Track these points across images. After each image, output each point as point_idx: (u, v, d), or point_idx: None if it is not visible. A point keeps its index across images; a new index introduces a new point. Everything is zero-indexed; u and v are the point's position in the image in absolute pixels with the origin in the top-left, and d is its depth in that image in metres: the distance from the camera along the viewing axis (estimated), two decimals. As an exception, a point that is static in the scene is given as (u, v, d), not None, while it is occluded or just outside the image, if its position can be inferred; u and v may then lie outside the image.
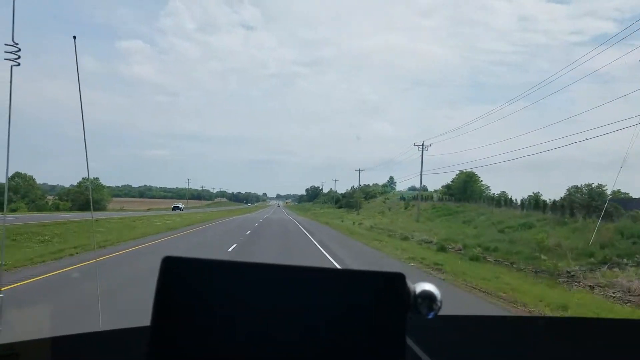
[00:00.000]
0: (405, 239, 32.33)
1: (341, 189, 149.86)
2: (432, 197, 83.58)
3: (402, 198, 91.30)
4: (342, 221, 66.06)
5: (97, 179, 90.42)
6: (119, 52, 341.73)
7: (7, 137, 2.09)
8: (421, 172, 59.98)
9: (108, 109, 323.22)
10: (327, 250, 22.45)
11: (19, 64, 2.27)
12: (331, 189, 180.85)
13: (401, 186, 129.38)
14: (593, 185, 47.43)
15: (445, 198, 76.87)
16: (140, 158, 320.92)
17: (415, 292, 0.83)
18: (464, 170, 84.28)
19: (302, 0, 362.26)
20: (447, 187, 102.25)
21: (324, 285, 0.82)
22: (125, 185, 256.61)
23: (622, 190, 41.07)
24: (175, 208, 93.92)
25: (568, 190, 45.40)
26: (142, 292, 9.76)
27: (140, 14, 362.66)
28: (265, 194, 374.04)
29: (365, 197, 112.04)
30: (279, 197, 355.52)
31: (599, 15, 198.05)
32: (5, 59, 2.24)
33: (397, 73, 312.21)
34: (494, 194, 76.81)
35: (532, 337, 1.58)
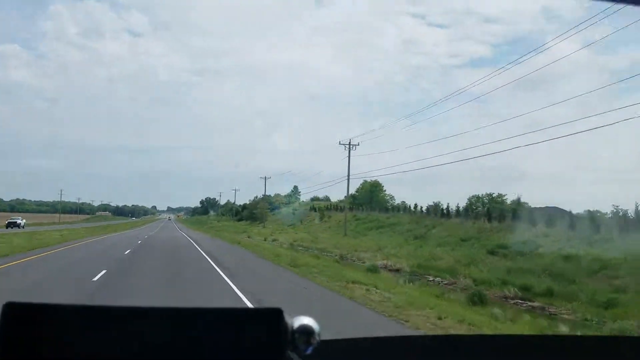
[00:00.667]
0: (374, 269, 21.82)
1: (240, 201, 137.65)
2: (341, 207, 77.05)
3: (314, 209, 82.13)
4: (249, 237, 55.00)
5: None
6: None
7: None
8: (348, 176, 51.10)
9: None
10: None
11: None
12: (228, 200, 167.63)
13: (303, 197, 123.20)
14: (494, 195, 51.47)
15: (353, 208, 72.00)
16: (13, 169, 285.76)
17: (293, 327, 0.80)
18: (368, 180, 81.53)
19: (193, 11, 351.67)
20: (352, 197, 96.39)
21: (196, 328, 0.75)
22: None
23: (522, 200, 42.31)
24: (11, 225, 64.30)
25: (469, 199, 48.71)
26: None
27: (16, 16, 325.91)
28: (154, 207, 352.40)
29: (269, 209, 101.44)
30: (170, 210, 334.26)
31: (475, 39, 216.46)
32: None
33: (293, 87, 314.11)
34: (398, 203, 74.98)
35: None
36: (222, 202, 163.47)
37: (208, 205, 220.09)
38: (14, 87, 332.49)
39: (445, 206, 39.62)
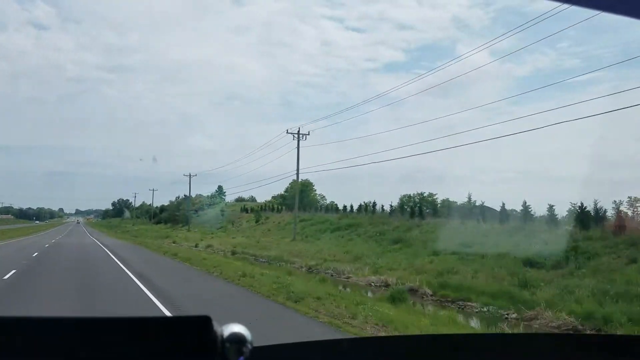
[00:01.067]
0: (399, 296, 14.98)
1: (156, 203, 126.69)
2: (275, 208, 71.80)
3: (245, 209, 75.14)
4: (175, 242, 47.22)
5: None
6: None
7: None
8: (298, 168, 45.31)
9: None
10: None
11: None
12: (144, 201, 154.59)
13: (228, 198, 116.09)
14: (425, 194, 53.88)
15: (283, 208, 67.52)
16: None
17: (222, 335, 0.75)
18: (295, 181, 78.32)
19: (105, 4, 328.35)
20: (282, 197, 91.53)
21: (121, 337, 0.71)
22: None
23: (451, 199, 44.13)
24: None
25: (400, 198, 50.42)
26: None
27: None
28: (62, 210, 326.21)
29: (193, 210, 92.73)
30: (78, 212, 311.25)
31: (389, 44, 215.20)
32: None
33: (211, 87, 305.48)
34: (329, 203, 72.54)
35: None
36: (137, 203, 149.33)
37: (121, 207, 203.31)
38: None
39: (378, 206, 37.72)
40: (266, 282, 15.55)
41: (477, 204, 32.23)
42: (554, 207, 24.75)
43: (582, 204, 21.86)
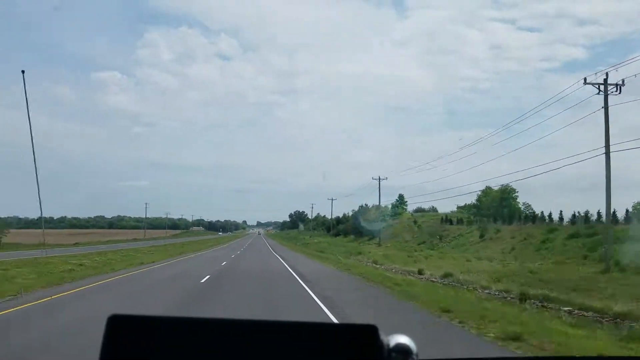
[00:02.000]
0: None
1: (328, 214, 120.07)
2: (460, 219, 57.85)
3: (448, 220, 60.52)
4: (376, 263, 34.87)
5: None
6: (95, 83, 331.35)
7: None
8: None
9: (83, 140, 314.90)
10: None
11: None
12: (319, 213, 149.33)
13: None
14: None
15: (476, 220, 56.05)
16: (115, 189, 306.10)
17: (389, 345, 0.79)
18: (490, 187, 65.66)
19: (278, 30, 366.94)
20: (475, 206, 74.53)
21: (290, 341, 0.76)
22: (97, 216, 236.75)
23: None
24: None
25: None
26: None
27: (116, 45, 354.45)
28: (245, 222, 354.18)
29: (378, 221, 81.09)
30: (259, 224, 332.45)
31: (568, 42, 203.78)
32: None
33: (373, 101, 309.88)
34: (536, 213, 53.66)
35: None
36: (313, 214, 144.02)
37: (297, 218, 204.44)
38: (114, 112, 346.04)
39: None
40: None
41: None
42: None
43: None
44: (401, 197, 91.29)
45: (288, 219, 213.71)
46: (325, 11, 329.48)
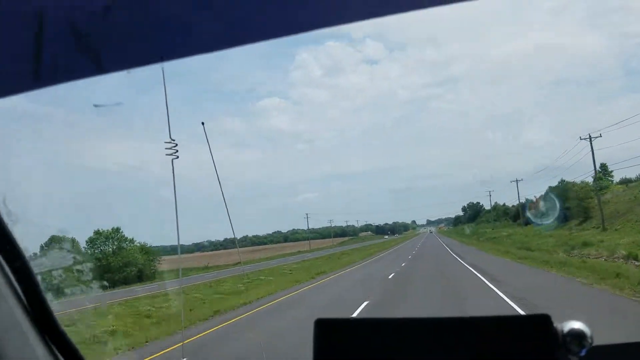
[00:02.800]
0: None
1: (506, 202, 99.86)
2: None
3: None
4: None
5: (117, 230, 54.32)
6: (259, 111, 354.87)
7: (174, 212, 3.00)
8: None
9: (257, 164, 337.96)
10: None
11: (177, 157, 2.75)
12: (496, 202, 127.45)
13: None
14: None
15: None
16: (287, 204, 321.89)
17: (563, 331, 0.85)
18: None
19: (421, 24, 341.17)
20: None
21: (475, 335, 0.84)
22: (275, 232, 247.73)
23: None
24: None
25: None
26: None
27: (272, 73, 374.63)
28: (414, 222, 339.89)
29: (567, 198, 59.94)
30: (429, 223, 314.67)
31: None
32: (167, 155, 2.75)
33: (536, 77, 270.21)
34: None
35: None
36: (491, 203, 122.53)
37: (471, 210, 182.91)
38: (277, 136, 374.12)
39: None
40: None
41: None
42: None
43: None
44: (604, 166, 68.07)
45: (462, 213, 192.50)
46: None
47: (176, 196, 2.75)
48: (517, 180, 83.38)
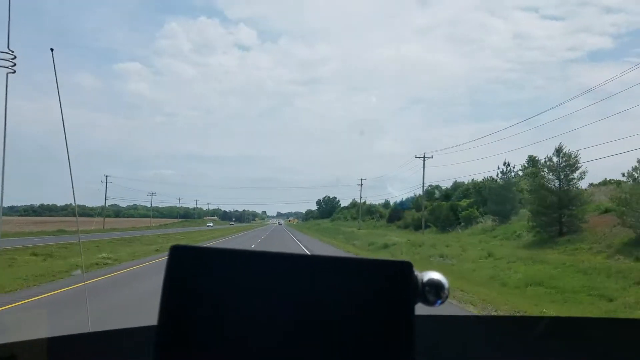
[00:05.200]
0: None
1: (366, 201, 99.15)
2: None
3: None
4: None
5: None
6: (117, 74, 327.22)
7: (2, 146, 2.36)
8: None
9: (108, 129, 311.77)
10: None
11: (14, 71, 2.29)
12: (354, 199, 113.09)
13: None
14: None
15: None
16: (137, 178, 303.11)
17: (422, 280, 0.81)
18: None
19: (297, 20, 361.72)
20: None
21: (333, 274, 0.80)
22: (112, 205, 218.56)
23: None
24: None
25: None
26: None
27: (136, 36, 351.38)
28: (264, 212, 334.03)
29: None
30: (279, 215, 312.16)
31: (594, 31, 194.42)
32: (1, 66, 2.26)
33: (394, 92, 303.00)
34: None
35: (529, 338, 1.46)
36: (361, 199, 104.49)
37: (326, 205, 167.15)
38: (138, 102, 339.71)
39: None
40: None
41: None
42: None
43: None
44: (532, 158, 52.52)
45: (316, 207, 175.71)
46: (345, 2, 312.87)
47: (6, 123, 2.12)
48: (361, 181, 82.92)
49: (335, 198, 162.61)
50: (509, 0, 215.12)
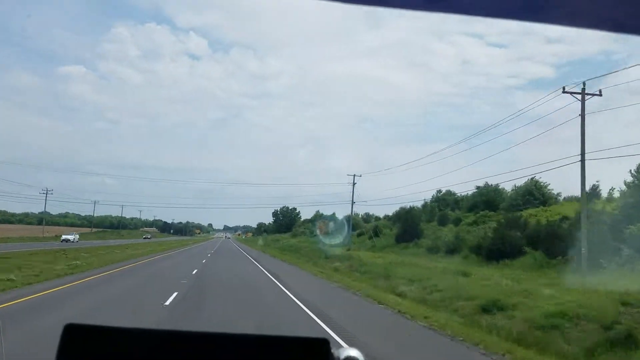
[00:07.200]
0: None
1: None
2: None
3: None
4: None
5: None
6: (59, 77, 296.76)
7: None
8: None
9: (48, 134, 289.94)
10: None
11: None
12: (318, 211, 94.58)
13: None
14: None
15: None
16: (70, 183, 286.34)
17: (340, 358, 0.79)
18: None
19: (249, 33, 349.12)
20: None
21: (241, 354, 0.76)
22: (42, 212, 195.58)
23: None
24: None
25: None
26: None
27: (80, 38, 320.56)
28: (210, 225, 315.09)
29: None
30: (226, 228, 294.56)
31: (535, 60, 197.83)
32: None
33: (345, 111, 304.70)
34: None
35: None
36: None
37: (284, 218, 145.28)
38: (79, 106, 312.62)
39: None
40: None
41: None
42: None
43: None
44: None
45: (271, 220, 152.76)
46: (296, 19, 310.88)
47: None
48: (354, 178, 62.56)
49: (295, 209, 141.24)
50: (454, 25, 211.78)
